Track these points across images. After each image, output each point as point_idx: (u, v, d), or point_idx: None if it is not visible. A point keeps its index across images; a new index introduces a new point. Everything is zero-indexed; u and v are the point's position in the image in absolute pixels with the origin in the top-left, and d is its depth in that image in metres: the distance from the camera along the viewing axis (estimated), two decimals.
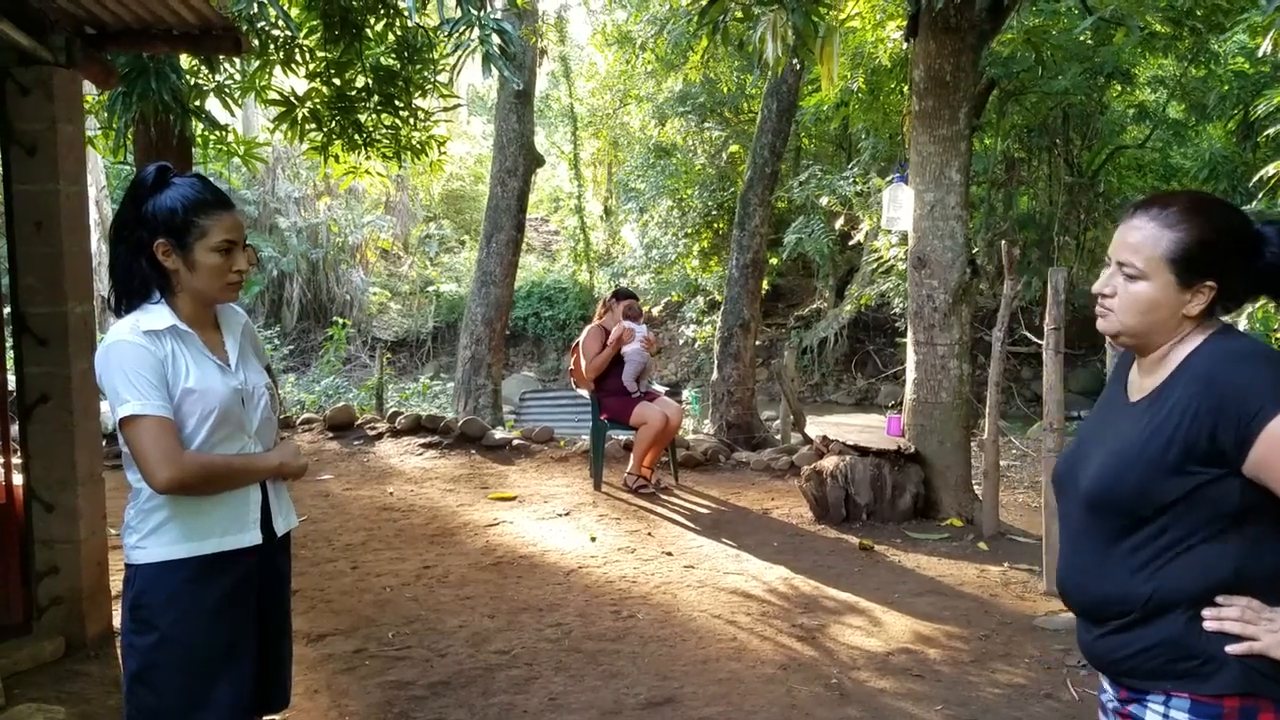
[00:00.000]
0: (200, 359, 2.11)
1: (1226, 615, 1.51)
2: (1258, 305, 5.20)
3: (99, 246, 14.02)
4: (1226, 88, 14.23)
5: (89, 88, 4.87)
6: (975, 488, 6.51)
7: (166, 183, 2.09)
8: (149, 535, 2.08)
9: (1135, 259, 1.60)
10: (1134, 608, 1.56)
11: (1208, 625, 1.51)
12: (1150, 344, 1.64)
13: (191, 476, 2.01)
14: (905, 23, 6.76)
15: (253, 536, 2.17)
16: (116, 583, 3.31)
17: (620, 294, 7.39)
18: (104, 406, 2.16)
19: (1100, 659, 1.66)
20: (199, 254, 2.08)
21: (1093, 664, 1.71)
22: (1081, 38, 11.64)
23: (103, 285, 13.01)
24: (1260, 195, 6.47)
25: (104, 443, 4.21)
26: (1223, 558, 1.52)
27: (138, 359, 2.00)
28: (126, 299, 2.10)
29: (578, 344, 7.28)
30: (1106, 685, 1.70)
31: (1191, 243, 1.56)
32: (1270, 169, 6.28)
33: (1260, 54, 5.41)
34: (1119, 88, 15.47)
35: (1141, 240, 1.60)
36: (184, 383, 2.05)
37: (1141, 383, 1.67)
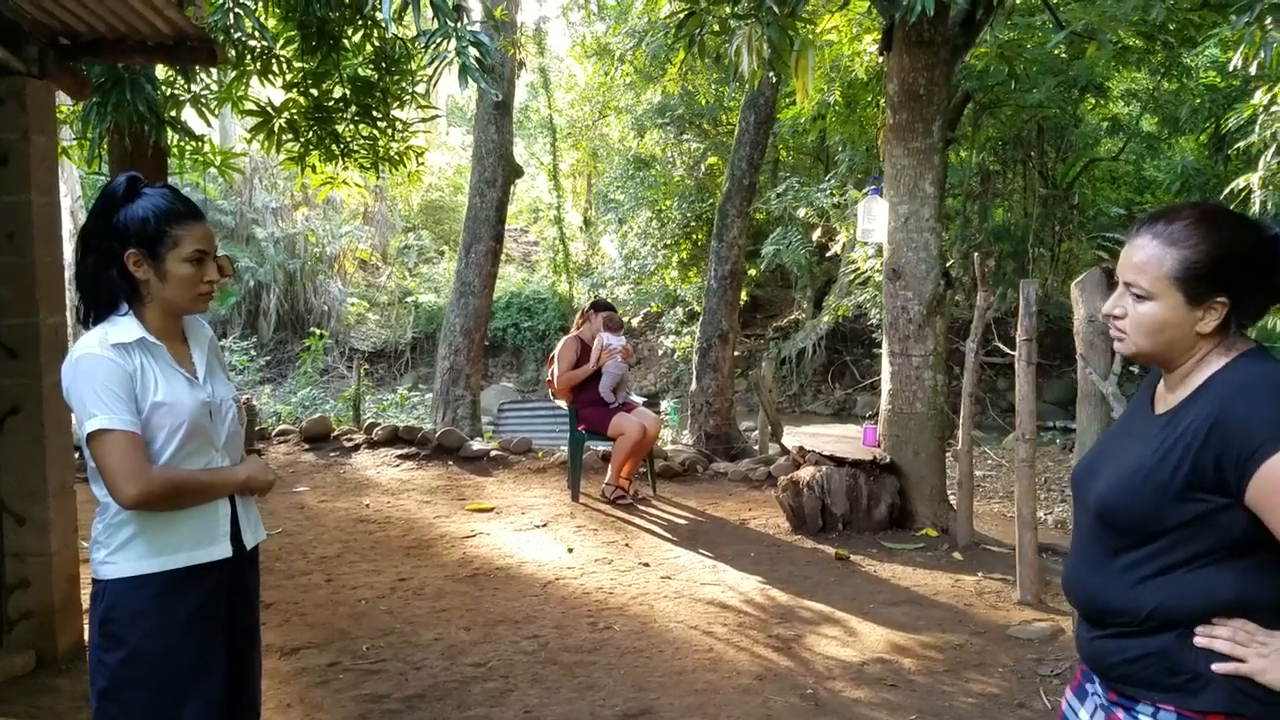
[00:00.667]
0: (169, 372, 2.10)
1: (1218, 634, 1.51)
2: None
3: (74, 257, 13.91)
4: (1198, 101, 14.41)
5: (63, 98, 4.85)
6: (950, 498, 6.55)
7: (137, 193, 2.08)
8: (117, 550, 2.06)
9: (1141, 279, 1.58)
10: (1136, 620, 1.58)
11: (1198, 642, 1.52)
12: (1169, 362, 1.63)
13: (158, 492, 1.99)
14: (880, 37, 6.82)
15: (222, 550, 2.16)
16: (87, 596, 3.27)
17: (599, 305, 7.41)
18: (74, 419, 2.15)
19: (1095, 660, 1.68)
20: (171, 264, 2.07)
21: (1086, 662, 1.73)
22: (1055, 51, 11.77)
23: (74, 296, 12.88)
24: (1231, 208, 6.56)
25: (75, 455, 4.17)
26: (1226, 582, 1.52)
27: (106, 372, 1.99)
28: (95, 310, 2.09)
29: (554, 355, 7.28)
30: (1097, 683, 1.71)
31: (1198, 260, 1.53)
32: (1241, 181, 6.37)
33: (1231, 68, 5.49)
34: (1092, 101, 15.62)
35: (1146, 260, 1.57)
36: (153, 396, 2.04)
37: (1167, 397, 1.66)
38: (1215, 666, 1.50)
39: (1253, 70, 5.48)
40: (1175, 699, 1.54)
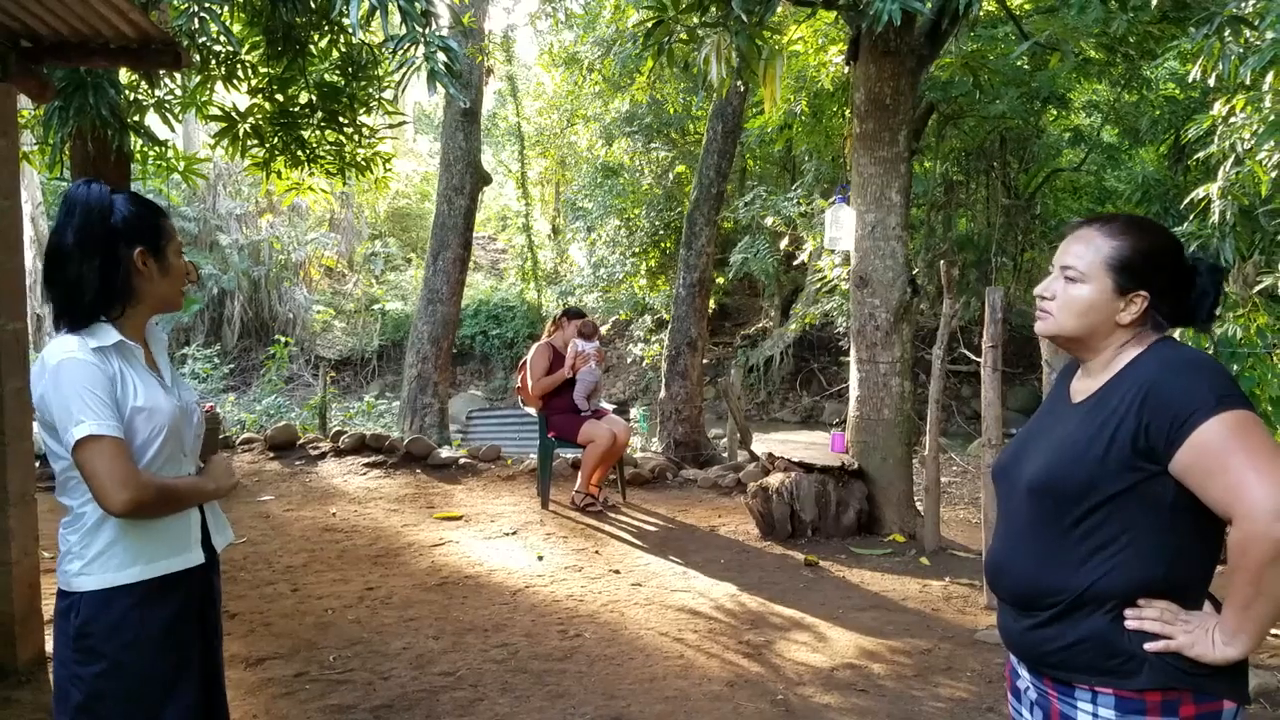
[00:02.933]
0: (146, 376, 2.07)
1: (1146, 615, 1.61)
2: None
3: (34, 264, 13.70)
4: (1158, 112, 14.66)
5: (24, 102, 4.78)
6: (917, 504, 6.60)
7: (112, 196, 2.07)
8: (94, 561, 2.01)
9: (1078, 263, 1.72)
10: (1066, 598, 1.65)
11: (1129, 624, 1.61)
12: (1085, 347, 1.75)
13: (149, 499, 1.95)
14: (846, 47, 6.88)
15: (196, 556, 2.14)
16: (47, 608, 3.20)
17: (571, 313, 7.37)
18: (38, 426, 2.07)
19: (1028, 649, 1.73)
20: (171, 257, 2.09)
21: (1016, 652, 1.79)
22: (1018, 63, 11.93)
23: (37, 302, 12.69)
24: (1191, 217, 6.65)
25: (36, 463, 4.10)
26: (1156, 560, 1.61)
27: (90, 377, 1.93)
28: (87, 316, 2.01)
29: (525, 362, 7.26)
30: (1024, 672, 1.78)
31: (1132, 251, 1.69)
32: (1200, 191, 6.46)
33: (1190, 80, 5.58)
34: (1055, 112, 15.84)
35: (1085, 248, 1.72)
36: (134, 400, 2.00)
37: (1085, 387, 1.77)
38: (1148, 645, 1.59)
39: (1211, 82, 5.58)
40: (1112, 681, 1.62)
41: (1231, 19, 5.10)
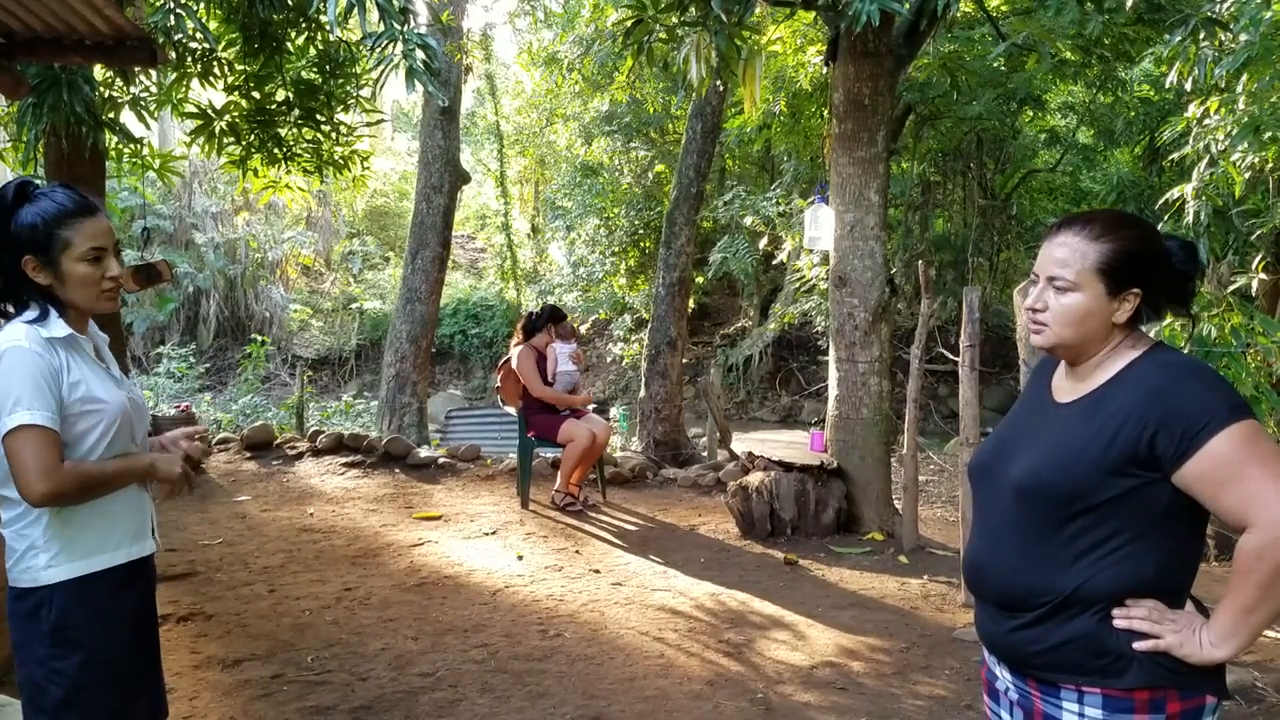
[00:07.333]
0: (97, 370, 2.09)
1: (1135, 615, 1.61)
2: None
3: None
4: (1133, 114, 14.79)
5: None
6: (895, 502, 6.63)
7: (28, 197, 2.04)
8: (61, 552, 2.02)
9: (1066, 272, 1.69)
10: (1053, 599, 1.65)
11: (1118, 624, 1.61)
12: (1084, 353, 1.73)
13: (69, 489, 1.95)
14: (825, 47, 6.90)
15: (151, 545, 2.20)
16: None
17: (543, 315, 7.28)
18: None
19: (1012, 650, 1.73)
20: (67, 265, 2.03)
21: (997, 654, 1.78)
22: (995, 64, 12.00)
23: None
24: (1166, 218, 6.72)
25: None
26: (1145, 562, 1.61)
27: (34, 366, 1.94)
28: (15, 312, 2.07)
29: (506, 360, 7.23)
30: (1004, 673, 1.77)
31: (1118, 252, 1.67)
32: (1175, 192, 6.53)
33: (1165, 83, 5.63)
34: (1031, 113, 15.95)
35: (1070, 255, 1.69)
36: (86, 393, 2.02)
37: (1073, 387, 1.75)
38: (1137, 645, 1.60)
39: (1186, 85, 5.64)
40: (1100, 680, 1.62)
41: (1206, 21, 5.16)
